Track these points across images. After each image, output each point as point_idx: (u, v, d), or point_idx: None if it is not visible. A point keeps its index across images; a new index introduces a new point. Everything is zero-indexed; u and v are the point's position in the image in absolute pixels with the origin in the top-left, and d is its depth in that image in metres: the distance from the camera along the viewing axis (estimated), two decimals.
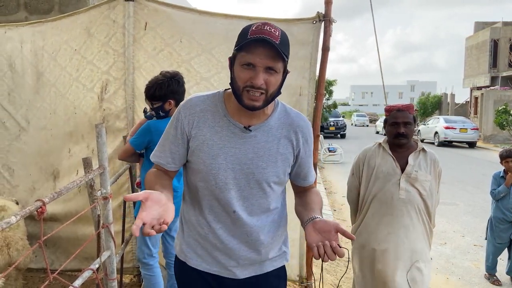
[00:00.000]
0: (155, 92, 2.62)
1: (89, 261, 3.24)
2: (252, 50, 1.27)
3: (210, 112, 1.41)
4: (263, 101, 1.31)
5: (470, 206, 7.35)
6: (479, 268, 4.47)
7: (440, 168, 2.56)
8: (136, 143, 2.65)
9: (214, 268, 1.48)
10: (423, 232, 2.49)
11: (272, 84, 1.30)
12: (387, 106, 2.62)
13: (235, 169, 1.38)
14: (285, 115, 1.45)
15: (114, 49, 3.24)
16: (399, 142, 2.47)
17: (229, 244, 1.44)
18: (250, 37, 1.26)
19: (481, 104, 23.49)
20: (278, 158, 1.41)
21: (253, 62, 1.27)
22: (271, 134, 1.41)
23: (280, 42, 1.27)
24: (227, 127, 1.39)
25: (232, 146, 1.38)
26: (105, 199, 1.93)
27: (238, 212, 1.41)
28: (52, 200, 1.46)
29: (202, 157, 1.38)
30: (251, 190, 1.41)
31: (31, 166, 3.63)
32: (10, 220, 1.32)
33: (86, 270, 1.78)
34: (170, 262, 2.90)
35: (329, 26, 3.16)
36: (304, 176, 1.53)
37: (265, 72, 1.28)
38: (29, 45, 3.57)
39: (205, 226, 1.45)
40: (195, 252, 1.49)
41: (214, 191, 1.40)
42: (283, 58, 1.29)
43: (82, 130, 3.37)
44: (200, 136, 1.39)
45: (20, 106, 3.65)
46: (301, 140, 1.45)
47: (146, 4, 3.21)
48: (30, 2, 4.53)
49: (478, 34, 28.53)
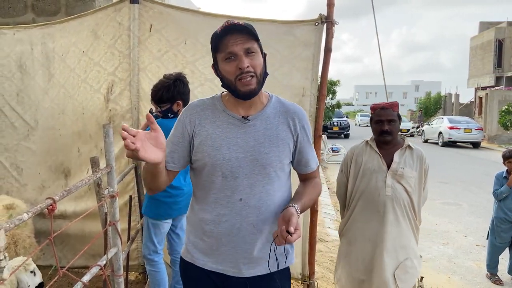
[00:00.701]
0: (163, 95, 2.68)
1: (96, 258, 3.30)
2: (226, 43, 1.38)
3: (210, 109, 1.50)
4: (255, 83, 1.40)
5: (473, 206, 7.35)
6: (481, 267, 4.49)
7: (427, 164, 2.60)
8: None
9: (220, 267, 1.50)
10: (409, 228, 2.54)
11: (257, 65, 1.40)
12: (372, 105, 2.69)
13: (239, 158, 1.44)
14: (280, 104, 1.54)
15: (119, 51, 3.30)
16: (384, 139, 2.53)
17: (235, 237, 1.47)
18: (219, 32, 1.38)
19: (486, 104, 23.40)
20: (279, 143, 1.48)
21: (232, 50, 1.37)
22: (269, 121, 1.49)
23: (245, 25, 1.38)
24: (226, 120, 1.47)
25: (234, 136, 1.46)
26: (112, 197, 1.99)
27: (245, 200, 1.45)
28: (62, 198, 1.52)
29: (207, 150, 1.45)
30: (256, 177, 1.45)
31: (40, 165, 3.70)
32: (23, 217, 1.37)
33: (94, 267, 1.84)
34: (175, 259, 2.96)
35: (331, 28, 3.21)
36: (306, 162, 1.58)
37: (246, 56, 1.38)
38: (39, 47, 3.64)
39: (210, 222, 1.49)
40: (201, 252, 1.53)
41: (221, 181, 1.45)
42: (255, 38, 1.39)
43: (90, 130, 3.44)
44: (203, 132, 1.47)
45: (29, 106, 3.72)
46: (298, 125, 1.53)
47: (151, 7, 3.26)
48: (37, 4, 4.59)
49: (483, 34, 28.41)
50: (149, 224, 2.79)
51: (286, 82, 3.13)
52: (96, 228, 3.37)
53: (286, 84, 3.12)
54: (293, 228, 1.27)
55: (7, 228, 1.29)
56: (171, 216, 2.82)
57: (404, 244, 2.51)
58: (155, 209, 2.76)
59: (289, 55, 3.16)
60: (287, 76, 3.15)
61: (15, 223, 1.34)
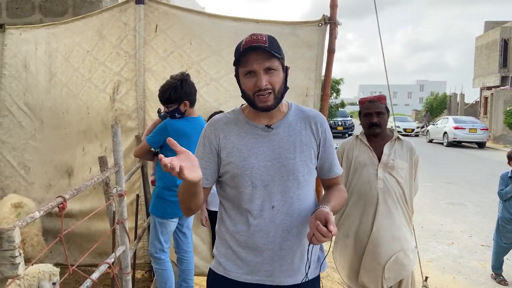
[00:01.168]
0: (171, 95, 2.70)
1: (102, 256, 3.34)
2: (247, 60, 1.42)
3: (233, 122, 1.54)
4: (273, 99, 1.44)
5: (478, 206, 7.33)
6: (485, 268, 4.49)
7: (417, 155, 2.62)
8: (153, 141, 2.75)
9: (256, 277, 1.49)
10: (403, 219, 2.56)
11: (275, 82, 1.43)
12: (360, 98, 2.74)
13: (267, 166, 1.47)
14: (300, 112, 1.58)
15: (125, 51, 3.32)
16: (373, 131, 2.56)
17: (271, 245, 1.47)
18: (242, 49, 1.41)
19: (491, 104, 23.28)
20: (304, 148, 1.51)
21: (252, 68, 1.42)
22: (291, 128, 1.52)
23: (269, 44, 1.41)
24: (251, 131, 1.50)
25: (259, 145, 1.49)
26: (120, 196, 2.01)
27: (277, 207, 1.47)
28: (73, 197, 1.54)
29: (235, 161, 1.48)
30: (286, 183, 1.47)
31: (46, 164, 3.74)
32: (34, 215, 1.40)
33: (102, 264, 1.86)
34: (182, 257, 2.99)
35: (334, 28, 3.23)
36: (329, 167, 1.60)
37: (266, 73, 1.42)
38: (43, 47, 3.68)
39: (244, 233, 1.49)
40: (235, 264, 1.51)
41: (251, 191, 1.47)
42: (276, 56, 1.42)
43: (95, 129, 3.47)
44: (229, 145, 1.50)
45: (33, 106, 3.77)
46: (319, 129, 1.56)
47: (157, 7, 3.29)
48: (45, 5, 4.65)
49: (488, 34, 28.26)
50: (156, 223, 2.82)
51: (290, 82, 3.12)
52: (102, 226, 3.41)
53: (290, 84, 3.11)
54: (332, 226, 1.28)
55: (19, 225, 1.32)
56: (178, 215, 2.84)
57: (397, 235, 2.52)
58: (162, 208, 2.79)
59: (292, 55, 3.18)
60: (290, 76, 3.14)
61: (27, 221, 1.37)
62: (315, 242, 1.31)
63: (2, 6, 4.68)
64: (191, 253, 3.05)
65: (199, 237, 3.44)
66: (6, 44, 3.85)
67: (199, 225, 3.36)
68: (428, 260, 4.66)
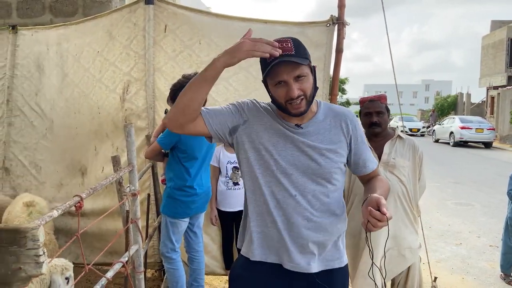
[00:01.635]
0: None
1: (113, 255, 3.36)
2: (276, 71, 1.42)
3: (269, 111, 1.55)
4: (305, 104, 1.46)
5: (486, 207, 7.29)
6: (494, 268, 4.47)
7: (421, 153, 2.59)
8: (164, 142, 2.75)
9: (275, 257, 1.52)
10: (404, 218, 2.53)
11: (306, 88, 1.44)
12: (361, 98, 2.74)
13: (294, 155, 1.49)
14: (329, 110, 1.59)
15: (135, 51, 3.34)
16: (373, 131, 2.54)
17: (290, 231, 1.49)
18: (269, 60, 1.40)
19: (498, 104, 23.14)
20: (333, 146, 1.52)
21: (282, 79, 1.43)
22: (321, 127, 1.53)
23: (295, 51, 1.41)
24: (281, 126, 1.52)
25: (288, 135, 1.50)
26: (134, 196, 2.03)
27: (299, 196, 1.48)
28: (89, 196, 1.56)
29: (264, 142, 1.49)
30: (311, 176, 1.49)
31: (58, 163, 3.77)
32: (52, 214, 1.42)
33: (117, 263, 1.88)
34: (193, 257, 3.00)
35: (342, 28, 3.24)
36: (364, 163, 1.60)
37: (296, 81, 1.43)
38: (55, 47, 3.72)
39: (268, 217, 1.51)
40: (261, 246, 1.54)
41: (275, 178, 1.49)
42: (305, 62, 1.43)
43: (106, 129, 3.50)
44: (261, 125, 1.51)
45: (45, 105, 3.80)
46: (350, 127, 1.56)
47: (166, 7, 3.31)
48: (55, 5, 4.68)
49: (495, 33, 28.07)
50: (167, 223, 2.83)
51: None
52: (113, 225, 3.43)
53: None
54: (385, 209, 1.28)
55: (39, 224, 1.34)
56: (189, 214, 2.86)
57: (393, 235, 2.49)
58: (173, 208, 2.80)
59: None
60: None
61: (45, 220, 1.38)
62: (371, 229, 1.31)
63: (12, 6, 4.73)
64: (201, 252, 3.06)
65: (209, 236, 3.46)
66: (18, 45, 3.88)
67: (209, 225, 3.38)
68: (437, 260, 4.65)
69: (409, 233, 2.58)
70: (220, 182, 3.30)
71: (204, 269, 3.08)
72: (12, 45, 3.89)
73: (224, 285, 3.67)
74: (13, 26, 3.91)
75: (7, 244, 1.03)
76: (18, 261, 1.03)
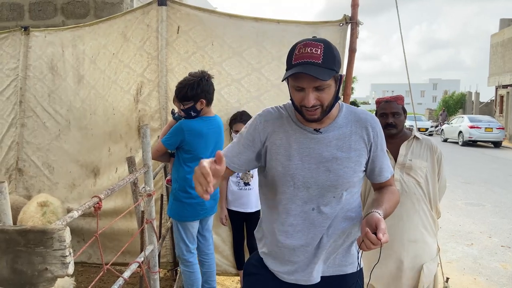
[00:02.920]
0: (187, 92, 2.65)
1: (125, 255, 3.39)
2: (297, 76, 1.35)
3: (285, 118, 1.50)
4: (320, 113, 1.40)
5: (497, 207, 7.23)
6: (507, 269, 4.43)
7: (440, 153, 2.52)
8: (169, 142, 2.71)
9: (292, 277, 1.51)
10: (421, 221, 2.46)
11: (325, 99, 1.38)
12: (377, 99, 2.68)
13: (311, 168, 1.44)
14: (351, 114, 1.52)
15: (148, 52, 3.36)
16: (389, 132, 2.48)
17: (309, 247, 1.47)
18: (294, 63, 1.35)
19: (507, 102, 22.90)
20: (352, 154, 1.46)
21: (301, 86, 1.36)
22: (341, 132, 1.47)
23: (323, 60, 1.32)
24: (299, 131, 1.47)
25: (306, 147, 1.45)
26: (149, 196, 2.04)
27: (317, 210, 1.45)
28: (107, 196, 1.57)
29: (280, 159, 1.45)
30: (329, 188, 1.44)
31: (71, 163, 3.80)
32: (73, 215, 1.44)
33: (133, 263, 1.90)
34: (203, 260, 2.97)
35: (355, 28, 3.23)
36: (379, 172, 1.55)
37: (315, 91, 1.36)
38: (70, 49, 3.75)
39: (282, 233, 1.48)
40: (274, 259, 1.53)
41: (292, 191, 1.45)
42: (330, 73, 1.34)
43: (120, 130, 3.52)
44: (277, 141, 1.47)
45: (60, 107, 3.83)
46: (371, 133, 1.49)
47: (179, 9, 3.32)
48: (67, 7, 4.73)
49: (504, 31, 27.77)
50: (178, 226, 2.82)
51: None
52: (125, 225, 3.46)
53: None
54: (382, 234, 1.26)
55: (61, 225, 1.36)
56: (198, 217, 2.81)
57: (414, 238, 2.44)
58: (180, 211, 2.77)
59: None
60: None
61: (66, 220, 1.40)
62: (364, 249, 1.30)
63: (25, 8, 4.78)
64: (212, 254, 3.04)
65: (220, 237, 3.46)
66: (31, 46, 3.91)
67: (220, 225, 3.38)
68: (448, 261, 4.62)
69: (430, 237, 2.51)
70: (231, 182, 3.31)
71: (215, 271, 3.06)
72: (24, 47, 3.91)
73: (236, 285, 3.68)
74: (25, 28, 3.95)
75: (33, 245, 1.04)
76: (44, 262, 1.04)
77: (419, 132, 2.62)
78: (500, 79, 27.27)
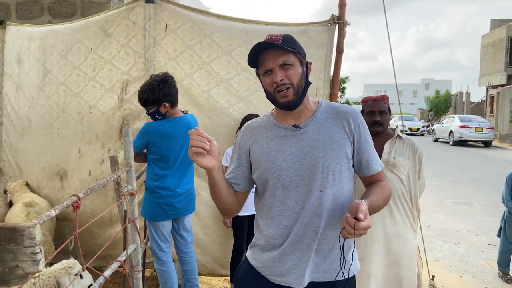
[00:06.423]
0: (149, 97, 2.65)
1: (108, 259, 3.35)
2: (263, 59, 1.44)
3: (263, 127, 1.55)
4: (293, 94, 1.43)
5: (485, 206, 7.31)
6: (492, 267, 4.48)
7: (421, 152, 2.59)
8: (137, 144, 2.71)
9: (283, 279, 1.49)
10: (404, 218, 2.53)
11: (292, 76, 1.42)
12: (364, 98, 2.74)
13: (295, 166, 1.45)
14: (330, 108, 1.54)
15: (134, 50, 3.31)
16: (375, 130, 2.54)
17: (298, 245, 1.46)
18: (254, 49, 1.42)
19: (497, 103, 23.14)
20: (334, 145, 1.46)
21: (268, 66, 1.43)
22: (320, 125, 1.48)
23: (283, 40, 1.41)
24: (279, 133, 1.50)
25: (288, 146, 1.47)
26: (131, 195, 2.04)
27: (307, 208, 1.44)
28: (87, 195, 1.57)
29: (264, 164, 1.48)
30: (315, 182, 1.44)
31: (34, 165, 3.63)
32: (50, 213, 1.43)
33: (114, 262, 1.89)
34: (183, 258, 2.97)
35: (343, 28, 3.24)
36: (366, 163, 1.53)
37: (281, 69, 1.42)
38: (37, 43, 3.56)
39: (279, 236, 1.48)
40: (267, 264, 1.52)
41: (282, 193, 1.47)
42: (291, 51, 1.41)
43: (96, 129, 3.40)
44: (258, 149, 1.51)
45: (23, 103, 3.63)
46: (352, 124, 1.49)
47: (166, 6, 3.27)
48: (54, 7, 4.67)
49: (494, 32, 28.07)
50: (149, 225, 2.83)
51: None
52: (104, 227, 3.40)
53: None
54: (362, 215, 1.23)
55: (36, 223, 1.35)
56: (168, 217, 2.80)
57: (397, 234, 2.50)
58: (150, 210, 2.77)
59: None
60: None
61: (43, 219, 1.40)
62: (345, 236, 1.27)
63: (11, 8, 4.72)
64: (192, 253, 3.02)
65: (209, 238, 3.44)
66: (6, 41, 3.74)
67: (208, 226, 3.36)
68: (435, 259, 4.66)
69: (410, 233, 2.58)
70: None
71: (196, 269, 3.03)
72: (1, 42, 3.74)
73: (223, 284, 3.67)
74: (1, 21, 3.73)
75: (4, 242, 1.04)
76: (15, 259, 1.04)
77: (402, 132, 2.67)
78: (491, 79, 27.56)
